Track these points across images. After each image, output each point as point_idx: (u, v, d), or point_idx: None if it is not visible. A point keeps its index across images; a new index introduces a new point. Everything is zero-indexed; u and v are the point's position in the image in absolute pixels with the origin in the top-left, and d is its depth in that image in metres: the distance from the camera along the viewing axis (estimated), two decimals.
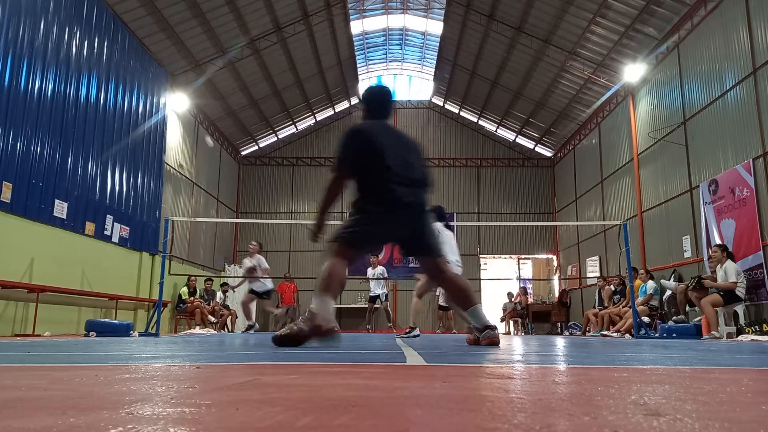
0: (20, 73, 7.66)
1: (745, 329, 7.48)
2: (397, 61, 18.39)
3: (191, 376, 1.56)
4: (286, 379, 1.41)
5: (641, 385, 1.30)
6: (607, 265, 13.29)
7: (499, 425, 0.76)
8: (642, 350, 3.43)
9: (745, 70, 8.37)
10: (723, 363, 2.29)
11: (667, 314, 9.75)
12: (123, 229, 10.25)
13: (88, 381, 1.39)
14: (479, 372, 1.76)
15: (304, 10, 13.04)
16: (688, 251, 9.92)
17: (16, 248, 7.55)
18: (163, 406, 0.92)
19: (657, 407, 0.92)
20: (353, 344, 4.16)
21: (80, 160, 8.99)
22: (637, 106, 12.07)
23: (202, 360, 2.27)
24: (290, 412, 0.86)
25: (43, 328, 7.96)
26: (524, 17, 12.44)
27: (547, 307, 15.94)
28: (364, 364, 2.06)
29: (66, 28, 8.67)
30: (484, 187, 18.04)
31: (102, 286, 9.46)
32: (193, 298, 11.52)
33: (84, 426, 0.74)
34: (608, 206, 13.59)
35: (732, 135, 8.72)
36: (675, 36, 10.35)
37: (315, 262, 17.28)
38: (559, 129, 16.35)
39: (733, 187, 8.54)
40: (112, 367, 1.92)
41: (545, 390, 1.21)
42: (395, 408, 0.91)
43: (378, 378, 1.50)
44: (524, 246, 17.67)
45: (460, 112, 18.48)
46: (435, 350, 3.20)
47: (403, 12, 15.47)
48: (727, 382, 1.41)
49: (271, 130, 17.74)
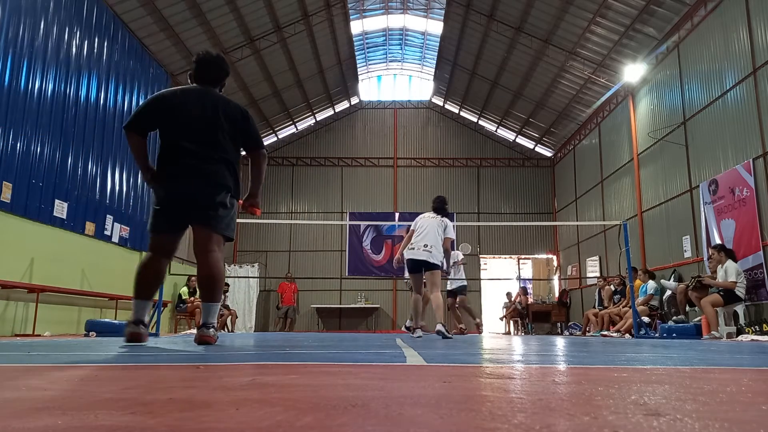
0: (20, 73, 7.66)
1: (745, 329, 7.48)
2: (397, 61, 18.39)
3: (191, 376, 1.56)
4: (286, 379, 1.41)
5: (641, 385, 1.30)
6: (607, 265, 13.29)
7: (499, 425, 0.76)
8: (642, 350, 3.43)
9: (745, 70, 8.36)
10: (723, 363, 2.29)
11: (667, 314, 9.75)
12: (123, 229, 10.26)
13: (88, 381, 1.39)
14: (479, 372, 1.76)
15: (304, 10, 13.04)
16: (688, 251, 9.92)
17: (16, 248, 7.55)
18: (163, 406, 0.92)
19: (657, 407, 0.92)
20: (353, 344, 4.16)
21: (80, 160, 8.99)
22: (637, 106, 12.07)
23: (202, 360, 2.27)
24: (290, 412, 0.86)
25: (43, 328, 7.96)
26: (524, 17, 12.44)
27: (547, 307, 15.94)
28: (364, 364, 2.06)
29: (66, 28, 8.68)
30: (484, 187, 18.05)
31: (102, 286, 9.46)
32: (193, 298, 11.52)
33: (84, 426, 0.74)
34: (608, 206, 13.59)
35: (732, 135, 8.72)
36: (675, 36, 10.35)
37: (315, 261, 17.30)
38: (559, 129, 16.36)
39: (733, 187, 8.54)
40: (112, 367, 1.92)
41: (545, 390, 1.21)
42: (395, 408, 0.91)
43: (378, 378, 1.50)
44: (524, 246, 17.67)
45: (460, 112, 18.49)
46: (435, 350, 3.20)
47: (403, 12, 15.47)
48: (727, 382, 1.41)
49: (271, 130, 17.74)
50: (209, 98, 3.63)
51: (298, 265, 17.17)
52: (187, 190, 3.46)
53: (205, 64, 3.72)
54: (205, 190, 3.48)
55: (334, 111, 18.57)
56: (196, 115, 3.54)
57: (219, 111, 3.58)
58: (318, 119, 18.50)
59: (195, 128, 3.52)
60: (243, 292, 15.93)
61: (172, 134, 3.52)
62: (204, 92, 3.66)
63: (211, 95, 3.66)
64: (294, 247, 17.46)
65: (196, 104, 3.57)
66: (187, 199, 3.47)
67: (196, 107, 3.56)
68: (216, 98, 3.65)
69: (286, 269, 16.95)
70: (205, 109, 3.57)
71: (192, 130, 3.52)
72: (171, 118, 3.53)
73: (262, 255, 17.27)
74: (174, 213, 3.52)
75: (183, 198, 3.47)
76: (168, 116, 3.53)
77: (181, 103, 3.56)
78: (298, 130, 18.47)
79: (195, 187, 3.46)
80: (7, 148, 7.36)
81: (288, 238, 17.51)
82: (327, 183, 18.05)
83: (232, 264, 16.43)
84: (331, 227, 17.38)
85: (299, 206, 18.02)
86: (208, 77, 3.73)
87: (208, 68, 3.73)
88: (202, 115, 3.55)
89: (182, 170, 3.47)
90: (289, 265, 17.19)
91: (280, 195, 18.04)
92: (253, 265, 16.40)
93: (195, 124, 3.52)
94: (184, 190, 3.46)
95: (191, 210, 3.50)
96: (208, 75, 3.73)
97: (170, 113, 3.54)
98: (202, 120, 3.54)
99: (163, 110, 3.54)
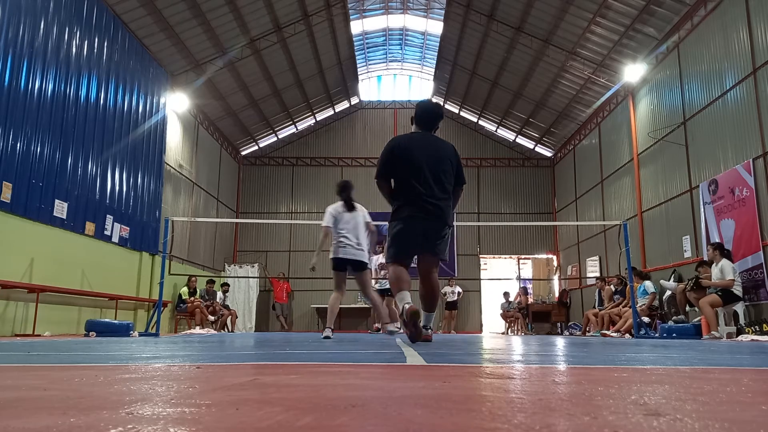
0: (20, 73, 7.66)
1: (745, 329, 7.47)
2: (397, 61, 18.39)
3: (191, 376, 1.56)
4: (286, 379, 1.41)
5: (641, 385, 1.30)
6: (607, 265, 13.29)
7: (499, 425, 0.76)
8: (642, 350, 3.43)
9: (745, 70, 8.36)
10: (723, 363, 2.29)
11: (667, 314, 9.75)
12: (123, 229, 10.25)
13: (88, 381, 1.39)
14: (479, 372, 1.76)
15: (304, 10, 13.04)
16: (688, 251, 9.92)
17: (16, 248, 7.55)
18: (163, 406, 0.92)
19: (657, 407, 0.92)
20: (353, 344, 4.16)
21: (80, 160, 8.99)
22: (637, 106, 12.07)
23: (202, 360, 2.27)
24: (290, 412, 0.86)
25: (43, 328, 7.96)
26: (524, 17, 12.44)
27: (547, 307, 15.94)
28: (364, 364, 2.06)
29: (66, 28, 8.67)
30: (484, 187, 18.04)
31: (102, 286, 9.46)
32: (193, 298, 11.52)
33: (84, 426, 0.74)
34: (608, 206, 13.59)
35: (732, 135, 8.72)
36: (675, 36, 10.35)
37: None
38: (559, 129, 16.35)
39: (733, 187, 8.54)
40: (112, 367, 1.92)
41: (545, 390, 1.21)
42: (395, 408, 0.91)
43: (378, 378, 1.50)
44: (524, 246, 17.67)
45: (460, 112, 18.48)
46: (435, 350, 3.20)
47: (403, 12, 15.47)
48: (727, 382, 1.41)
49: (271, 130, 17.74)
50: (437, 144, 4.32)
51: (298, 265, 17.16)
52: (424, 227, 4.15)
53: (427, 112, 4.41)
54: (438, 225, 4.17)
55: (334, 111, 18.56)
56: (428, 159, 4.17)
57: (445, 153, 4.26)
58: (318, 119, 18.50)
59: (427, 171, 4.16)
60: (243, 292, 15.93)
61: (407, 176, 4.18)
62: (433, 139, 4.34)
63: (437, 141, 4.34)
64: (294, 247, 17.46)
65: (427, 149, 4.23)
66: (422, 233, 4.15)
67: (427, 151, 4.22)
68: (441, 143, 4.32)
69: (287, 269, 16.95)
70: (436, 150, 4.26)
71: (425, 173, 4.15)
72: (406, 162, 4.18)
73: (262, 255, 17.27)
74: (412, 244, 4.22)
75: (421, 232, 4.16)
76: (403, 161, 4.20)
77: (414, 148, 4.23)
78: (298, 130, 18.47)
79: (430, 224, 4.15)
80: (7, 148, 7.36)
81: (288, 238, 17.51)
82: (327, 183, 18.03)
83: (232, 264, 16.43)
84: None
85: (299, 206, 18.02)
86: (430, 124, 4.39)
87: (428, 117, 4.40)
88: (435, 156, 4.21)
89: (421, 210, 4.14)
90: (289, 265, 17.18)
91: (280, 195, 18.04)
92: (253, 266, 16.40)
93: (427, 168, 4.14)
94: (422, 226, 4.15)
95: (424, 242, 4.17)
96: (429, 122, 4.40)
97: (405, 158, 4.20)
98: (434, 163, 4.18)
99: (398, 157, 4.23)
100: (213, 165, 15.66)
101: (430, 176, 4.08)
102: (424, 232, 4.09)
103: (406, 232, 4.12)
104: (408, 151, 4.16)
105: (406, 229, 4.11)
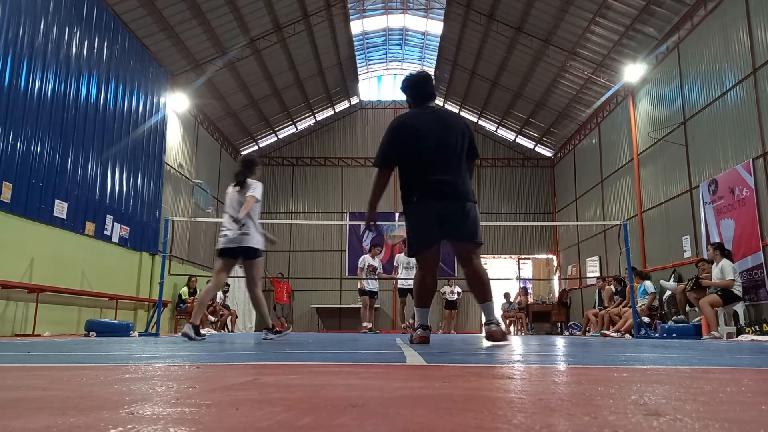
0: (20, 73, 7.66)
1: (745, 329, 7.47)
2: (397, 61, 18.39)
3: (191, 376, 1.56)
4: (286, 379, 1.41)
5: (641, 385, 1.30)
6: (607, 265, 13.29)
7: (499, 425, 0.76)
8: (642, 350, 3.43)
9: (745, 70, 8.36)
10: (723, 363, 2.29)
11: (667, 314, 9.75)
12: (123, 229, 10.25)
13: (88, 381, 1.39)
14: (479, 372, 1.76)
15: (304, 10, 13.04)
16: (688, 251, 9.92)
17: (16, 248, 7.55)
18: (163, 406, 0.92)
19: (657, 407, 0.92)
20: (353, 344, 4.16)
21: (80, 160, 8.99)
22: (637, 106, 12.07)
23: (202, 360, 2.27)
24: (290, 412, 0.86)
25: (43, 328, 7.96)
26: (524, 17, 12.43)
27: (547, 307, 15.94)
28: (364, 364, 2.06)
29: (66, 28, 8.67)
30: (484, 187, 18.04)
31: (102, 286, 9.46)
32: (193, 298, 11.52)
33: (84, 426, 0.74)
34: (608, 206, 13.59)
35: (732, 135, 8.72)
36: (675, 36, 10.35)
37: (315, 261, 17.30)
38: (559, 129, 16.35)
39: (733, 187, 8.54)
40: (112, 367, 1.92)
41: (545, 390, 1.21)
42: (395, 408, 0.91)
43: (378, 378, 1.50)
44: (524, 246, 17.67)
45: (460, 112, 18.47)
46: (435, 350, 3.20)
47: (403, 12, 15.47)
48: (727, 382, 1.41)
49: (271, 130, 17.73)
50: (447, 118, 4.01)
51: (298, 265, 17.16)
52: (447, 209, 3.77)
53: (418, 83, 4.04)
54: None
55: (334, 111, 18.56)
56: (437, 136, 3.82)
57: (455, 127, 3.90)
58: (318, 119, 18.50)
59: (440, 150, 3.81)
60: (243, 292, 15.90)
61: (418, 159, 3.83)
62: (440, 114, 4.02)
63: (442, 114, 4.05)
64: (294, 247, 17.46)
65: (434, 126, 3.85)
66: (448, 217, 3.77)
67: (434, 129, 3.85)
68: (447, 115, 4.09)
69: (287, 269, 16.94)
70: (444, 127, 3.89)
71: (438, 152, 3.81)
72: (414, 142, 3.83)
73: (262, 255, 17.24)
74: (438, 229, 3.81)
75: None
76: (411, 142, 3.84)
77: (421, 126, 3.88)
78: (298, 130, 18.47)
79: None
80: (7, 148, 7.35)
81: (288, 238, 17.51)
82: (327, 183, 18.05)
83: None
84: (331, 227, 17.37)
85: (299, 206, 18.02)
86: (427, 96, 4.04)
87: (421, 87, 4.03)
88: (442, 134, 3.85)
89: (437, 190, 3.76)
90: (289, 265, 17.18)
91: (280, 195, 18.04)
92: None
93: (437, 146, 3.80)
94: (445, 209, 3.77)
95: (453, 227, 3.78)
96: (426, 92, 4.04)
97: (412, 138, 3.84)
98: (444, 140, 3.82)
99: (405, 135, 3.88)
100: (213, 165, 15.65)
101: (441, 154, 3.73)
102: (442, 215, 3.66)
103: (420, 220, 3.74)
104: (415, 128, 3.81)
105: (420, 216, 3.74)
